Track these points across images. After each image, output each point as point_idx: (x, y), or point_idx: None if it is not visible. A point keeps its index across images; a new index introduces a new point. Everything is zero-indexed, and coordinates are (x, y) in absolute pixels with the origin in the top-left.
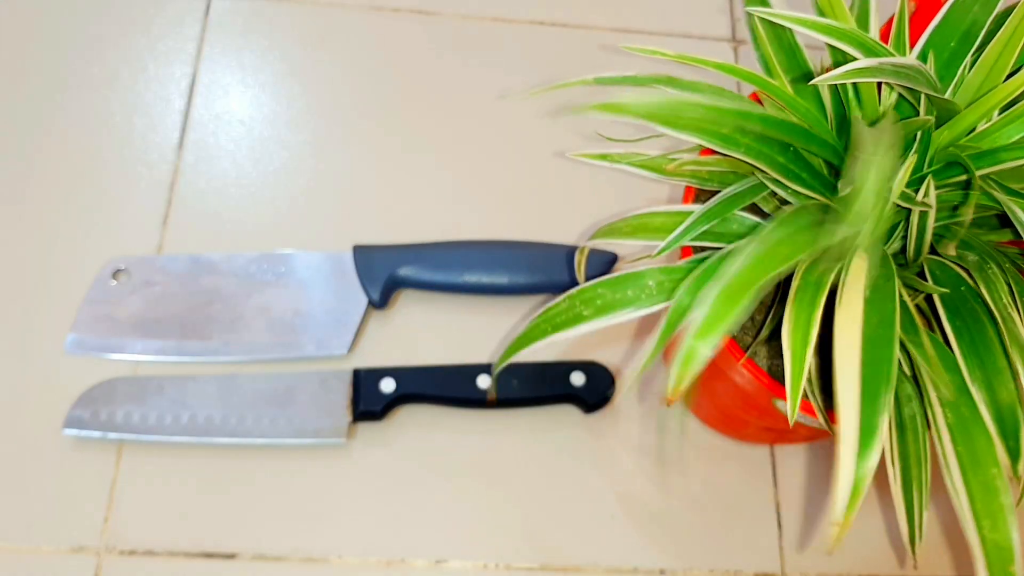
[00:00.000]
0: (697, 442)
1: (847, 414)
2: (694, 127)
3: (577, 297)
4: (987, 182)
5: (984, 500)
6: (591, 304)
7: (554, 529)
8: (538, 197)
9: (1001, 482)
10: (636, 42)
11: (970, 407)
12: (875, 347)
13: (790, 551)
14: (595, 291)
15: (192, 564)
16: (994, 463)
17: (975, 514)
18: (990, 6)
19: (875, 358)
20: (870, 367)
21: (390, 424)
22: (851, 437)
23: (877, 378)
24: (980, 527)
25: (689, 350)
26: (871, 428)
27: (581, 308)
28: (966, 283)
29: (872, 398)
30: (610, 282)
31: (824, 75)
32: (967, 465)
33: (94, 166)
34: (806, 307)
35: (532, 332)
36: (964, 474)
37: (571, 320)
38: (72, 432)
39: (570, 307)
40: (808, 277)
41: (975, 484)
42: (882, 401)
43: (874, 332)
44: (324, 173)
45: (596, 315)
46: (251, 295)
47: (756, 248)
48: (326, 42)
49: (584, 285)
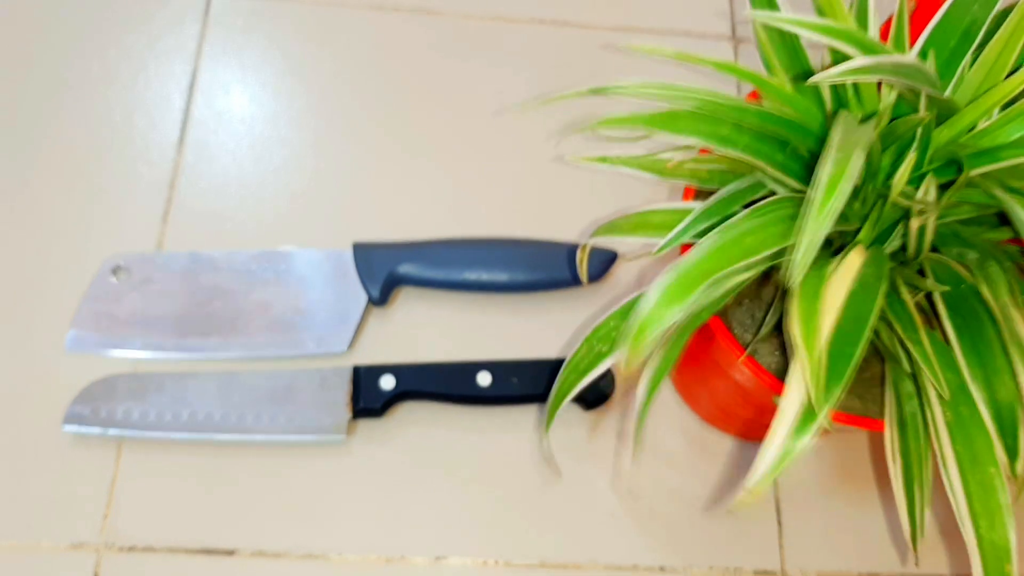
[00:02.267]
0: (697, 439)
1: (793, 392)
2: (692, 129)
3: (593, 337)
4: (987, 180)
5: (982, 499)
6: (607, 339)
7: (554, 526)
8: (537, 194)
9: (999, 481)
10: (636, 41)
11: (969, 406)
12: (842, 341)
13: (790, 548)
14: (608, 325)
15: (191, 560)
16: (992, 462)
17: (972, 513)
18: (990, 4)
19: (839, 352)
20: (831, 358)
21: (390, 421)
22: (791, 414)
23: (835, 370)
24: (977, 526)
25: (639, 329)
26: (813, 413)
27: (600, 346)
28: (966, 281)
29: (823, 387)
30: (620, 312)
31: (822, 74)
32: (965, 464)
33: (94, 164)
34: (808, 299)
35: (563, 388)
36: (962, 473)
37: (594, 361)
38: (72, 429)
39: (589, 350)
40: (809, 271)
41: (973, 483)
42: (833, 393)
43: (846, 326)
44: (324, 171)
45: (615, 348)
46: (251, 292)
47: (721, 236)
48: (327, 40)
49: (597, 323)
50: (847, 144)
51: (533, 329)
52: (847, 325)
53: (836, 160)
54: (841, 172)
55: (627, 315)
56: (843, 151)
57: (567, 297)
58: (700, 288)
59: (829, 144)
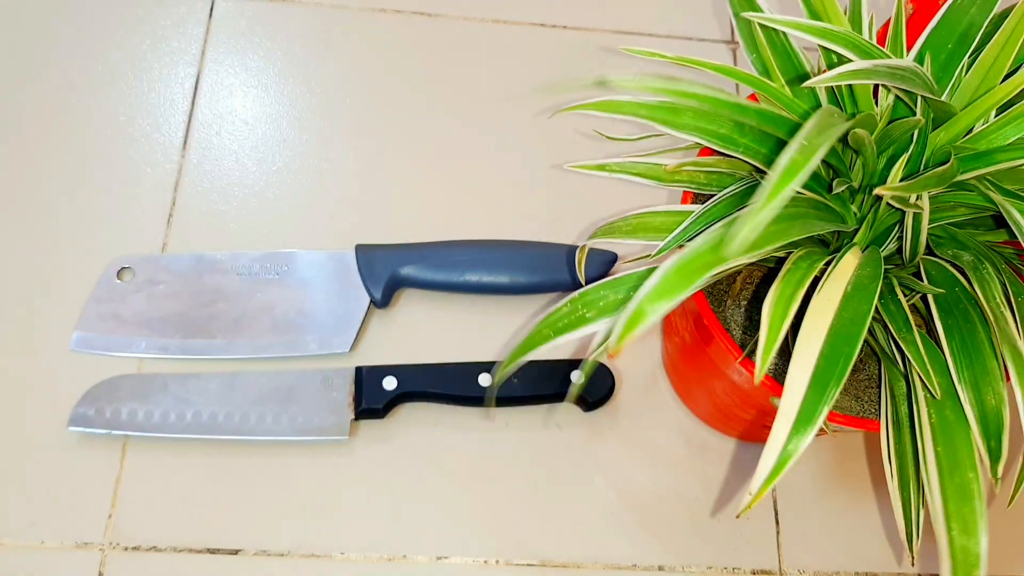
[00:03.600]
0: (695, 440)
1: (792, 393)
2: (693, 126)
3: (579, 300)
4: (983, 183)
5: (957, 503)
6: (593, 306)
7: (554, 526)
8: (538, 197)
9: (976, 487)
10: (635, 44)
11: (955, 410)
12: (839, 342)
13: (787, 547)
14: (597, 293)
15: (196, 560)
16: (971, 467)
17: (947, 516)
18: (987, 8)
19: (835, 352)
20: (827, 359)
21: (392, 422)
22: (790, 414)
23: (830, 370)
24: (950, 529)
25: (636, 311)
26: (811, 414)
27: (584, 311)
28: (961, 284)
29: (820, 387)
30: (612, 283)
31: (819, 77)
32: (944, 467)
33: (99, 166)
34: (791, 285)
35: (535, 337)
36: (940, 475)
37: (574, 323)
38: (77, 429)
39: (572, 310)
40: (800, 263)
41: (950, 486)
42: (829, 394)
43: (843, 327)
44: (327, 173)
45: (599, 316)
46: (254, 294)
47: (723, 231)
48: (329, 43)
49: (586, 288)
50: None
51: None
52: (843, 326)
53: (800, 147)
54: (804, 160)
55: (616, 287)
56: (810, 140)
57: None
58: (699, 280)
59: (799, 131)
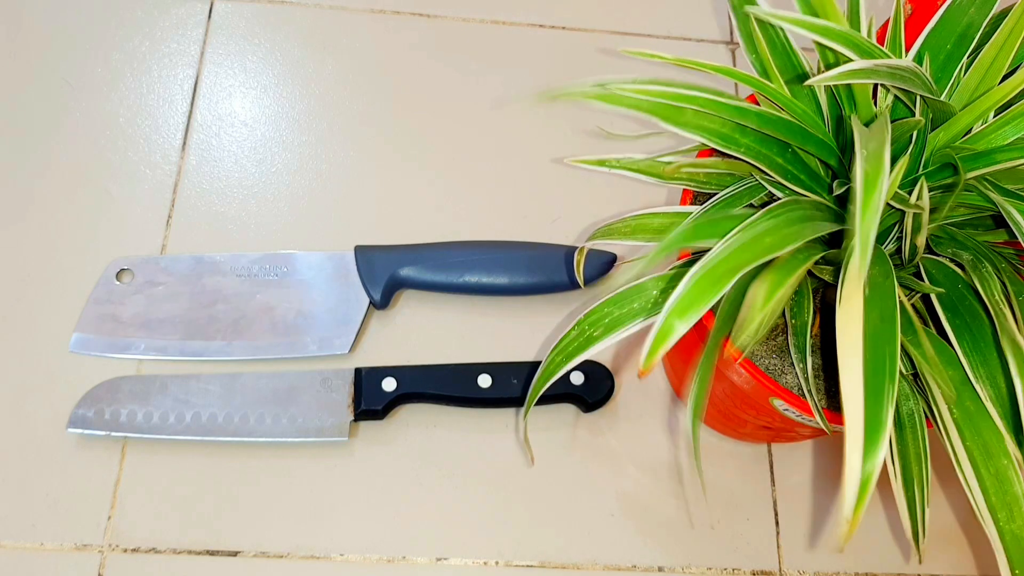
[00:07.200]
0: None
1: (853, 412)
2: (694, 124)
3: (585, 321)
4: (982, 183)
5: (998, 492)
6: (599, 324)
7: (554, 527)
8: (537, 198)
9: (1013, 472)
10: (634, 45)
11: (975, 402)
12: (877, 344)
13: (788, 549)
14: (602, 310)
15: (195, 562)
16: (1004, 454)
17: (990, 507)
18: (986, 8)
19: (878, 355)
20: (873, 364)
21: (391, 423)
22: (857, 435)
23: (880, 374)
24: (997, 519)
25: (665, 325)
26: (876, 425)
27: (591, 330)
28: (963, 280)
29: (876, 395)
30: (615, 299)
31: (819, 76)
32: (977, 459)
33: (98, 167)
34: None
35: (549, 368)
36: (975, 468)
37: (583, 344)
38: (76, 431)
39: (580, 332)
40: (798, 255)
41: (987, 477)
42: (886, 397)
43: (875, 329)
44: (326, 174)
45: (607, 333)
46: (254, 295)
47: (741, 236)
48: (328, 44)
49: (590, 308)
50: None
51: (533, 331)
52: (875, 326)
53: (868, 156)
54: (878, 169)
55: (620, 302)
56: (871, 148)
57: (567, 300)
58: (728, 282)
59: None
